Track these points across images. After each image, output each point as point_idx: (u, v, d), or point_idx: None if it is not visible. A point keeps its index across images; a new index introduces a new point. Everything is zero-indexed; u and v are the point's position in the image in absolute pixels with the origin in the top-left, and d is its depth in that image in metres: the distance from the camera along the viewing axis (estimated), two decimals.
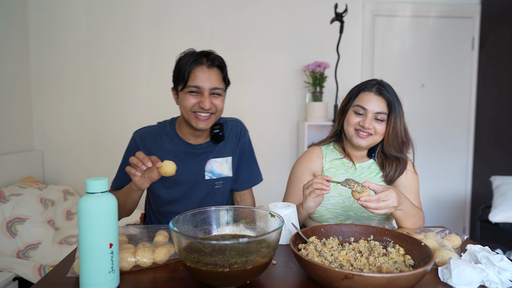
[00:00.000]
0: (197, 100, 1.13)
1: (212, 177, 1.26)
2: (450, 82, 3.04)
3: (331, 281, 0.66)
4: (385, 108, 1.16)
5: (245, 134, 1.35)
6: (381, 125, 1.17)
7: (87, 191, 0.70)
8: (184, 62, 1.14)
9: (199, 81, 1.12)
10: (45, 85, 2.74)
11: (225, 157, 1.28)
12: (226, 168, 1.28)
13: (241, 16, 2.82)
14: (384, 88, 1.18)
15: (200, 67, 1.13)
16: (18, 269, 1.78)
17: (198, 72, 1.12)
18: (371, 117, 1.16)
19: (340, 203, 1.22)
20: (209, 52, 1.17)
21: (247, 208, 0.91)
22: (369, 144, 1.19)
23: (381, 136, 1.19)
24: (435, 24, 2.99)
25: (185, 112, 1.15)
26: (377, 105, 1.16)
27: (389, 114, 1.16)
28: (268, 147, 2.91)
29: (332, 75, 2.71)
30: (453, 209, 3.14)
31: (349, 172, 1.26)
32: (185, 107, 1.14)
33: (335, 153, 1.30)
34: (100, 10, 2.74)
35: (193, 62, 1.12)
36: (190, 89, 1.13)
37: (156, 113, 2.77)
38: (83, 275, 0.70)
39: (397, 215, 1.05)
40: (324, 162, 1.28)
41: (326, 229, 0.92)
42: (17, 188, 2.22)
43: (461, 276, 0.72)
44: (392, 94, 1.18)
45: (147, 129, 1.29)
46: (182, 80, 1.13)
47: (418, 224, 1.11)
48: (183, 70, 1.13)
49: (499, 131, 2.81)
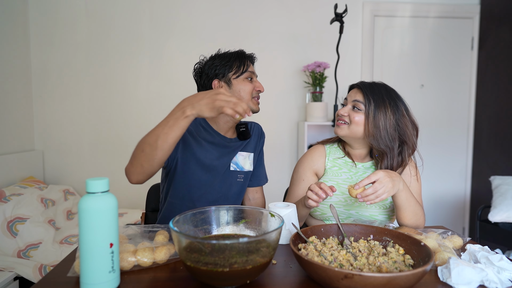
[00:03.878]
0: (253, 85, 1.28)
1: (236, 169, 1.33)
2: (450, 82, 3.04)
3: (331, 280, 0.66)
4: (362, 98, 1.19)
5: (264, 136, 1.48)
6: (358, 114, 1.18)
7: (87, 191, 0.71)
8: (232, 54, 1.28)
9: (251, 68, 1.31)
10: (45, 85, 2.75)
11: (248, 152, 1.37)
12: (248, 163, 1.37)
13: (241, 17, 2.82)
14: (366, 83, 1.23)
15: (248, 61, 1.31)
16: (19, 268, 1.78)
17: (250, 65, 1.31)
18: (349, 106, 1.22)
19: (342, 201, 1.23)
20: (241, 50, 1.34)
21: (247, 208, 0.91)
22: (345, 134, 1.21)
23: (357, 126, 1.19)
24: (435, 25, 2.99)
25: (246, 95, 1.25)
26: (355, 95, 1.22)
27: (366, 105, 1.18)
28: (268, 147, 2.91)
29: (332, 75, 2.71)
30: (453, 209, 3.14)
31: (351, 171, 1.26)
32: (246, 91, 1.25)
33: (338, 151, 1.31)
34: (101, 11, 2.74)
35: (244, 57, 1.29)
36: (248, 74, 1.27)
37: (156, 113, 2.78)
38: (83, 275, 0.70)
39: (400, 200, 1.06)
40: (326, 161, 1.30)
41: (326, 228, 0.92)
42: (17, 188, 2.22)
43: (460, 276, 0.73)
44: (374, 90, 1.20)
45: None
46: (240, 67, 1.26)
47: (419, 219, 1.11)
48: (236, 59, 1.27)
49: (498, 131, 2.81)
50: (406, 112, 1.21)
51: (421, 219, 1.13)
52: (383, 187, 0.98)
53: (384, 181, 0.98)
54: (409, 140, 1.20)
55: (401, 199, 1.06)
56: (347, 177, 1.26)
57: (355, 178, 1.25)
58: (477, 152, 3.05)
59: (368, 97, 1.18)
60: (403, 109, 1.20)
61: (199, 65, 1.32)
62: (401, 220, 1.12)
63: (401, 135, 1.19)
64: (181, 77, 2.77)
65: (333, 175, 1.27)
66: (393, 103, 1.19)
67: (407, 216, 1.10)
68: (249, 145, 1.39)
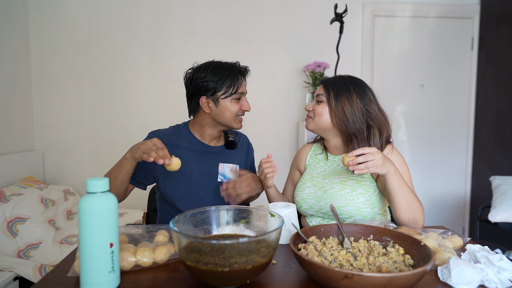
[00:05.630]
0: (240, 105, 1.29)
1: (223, 180, 1.35)
2: (450, 82, 3.04)
3: (331, 280, 0.66)
4: (322, 91, 1.26)
5: (252, 149, 1.52)
6: (319, 106, 1.25)
7: (87, 191, 0.71)
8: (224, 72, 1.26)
9: (242, 88, 1.30)
10: (45, 85, 2.75)
11: (235, 164, 1.39)
12: (235, 175, 1.38)
13: (241, 17, 2.82)
14: (328, 78, 1.30)
15: (240, 76, 1.30)
16: (19, 268, 1.78)
17: (241, 81, 1.31)
18: (314, 101, 1.28)
19: (313, 193, 1.26)
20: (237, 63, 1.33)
21: (247, 208, 0.91)
22: (314, 128, 1.26)
23: (320, 117, 1.24)
24: (435, 24, 2.99)
25: (230, 116, 1.28)
26: (318, 90, 1.28)
27: (327, 96, 1.24)
28: (268, 147, 2.91)
29: (332, 75, 2.71)
30: (453, 209, 3.14)
31: (327, 165, 1.32)
32: (231, 112, 1.28)
33: (320, 148, 1.39)
34: (101, 11, 2.74)
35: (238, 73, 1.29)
36: (237, 96, 1.28)
37: (156, 113, 2.78)
38: (83, 275, 0.70)
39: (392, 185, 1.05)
40: (308, 157, 1.39)
41: (326, 228, 0.92)
42: (17, 188, 2.22)
43: (460, 276, 0.73)
44: (335, 81, 1.26)
45: (163, 131, 1.37)
46: (229, 89, 1.26)
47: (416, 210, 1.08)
48: (227, 79, 1.26)
49: (498, 131, 2.81)
50: (374, 99, 1.25)
51: (418, 211, 1.08)
52: (373, 159, 0.99)
53: (376, 155, 1.00)
54: (380, 125, 1.22)
55: (393, 184, 1.05)
56: (321, 170, 1.31)
57: (328, 171, 1.29)
58: (477, 152, 3.05)
59: (327, 88, 1.24)
60: (370, 96, 1.24)
61: (190, 72, 1.32)
62: (398, 213, 1.08)
63: (371, 119, 1.21)
64: (181, 77, 2.76)
65: (310, 169, 1.34)
66: (358, 89, 1.23)
67: (402, 205, 1.06)
68: (235, 157, 1.41)
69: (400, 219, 1.09)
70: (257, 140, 2.91)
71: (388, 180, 1.05)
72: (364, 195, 1.19)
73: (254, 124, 2.89)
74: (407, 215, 1.08)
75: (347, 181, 1.22)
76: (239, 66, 1.31)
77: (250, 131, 2.90)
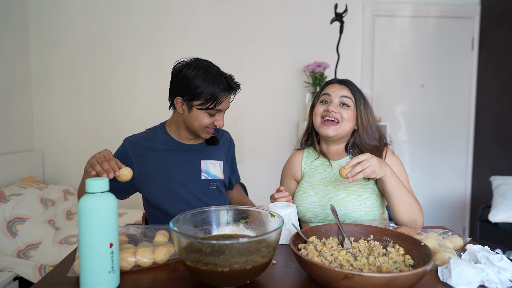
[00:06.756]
0: (213, 119, 1.22)
1: (208, 178, 1.32)
2: (450, 82, 3.04)
3: (331, 281, 0.66)
4: (349, 93, 1.20)
5: (233, 145, 1.48)
6: (347, 111, 1.18)
7: (87, 191, 0.71)
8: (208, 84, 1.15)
9: (222, 106, 1.21)
10: (45, 85, 2.74)
11: (217, 160, 1.36)
12: (219, 171, 1.36)
13: (241, 16, 2.82)
14: (347, 80, 1.24)
15: (226, 93, 1.20)
16: (19, 268, 1.78)
17: (225, 98, 1.20)
18: (337, 102, 1.21)
19: (317, 201, 1.22)
20: (230, 77, 1.22)
21: (247, 208, 0.91)
22: (336, 134, 1.19)
23: (348, 122, 1.19)
24: (435, 24, 2.99)
25: (199, 127, 1.23)
26: (340, 91, 1.21)
27: (355, 101, 1.20)
28: (268, 147, 2.91)
29: (332, 75, 2.71)
30: (453, 209, 3.14)
31: (327, 171, 1.27)
32: (201, 124, 1.22)
33: (314, 154, 1.33)
34: (100, 10, 2.74)
35: (222, 90, 1.18)
36: (213, 111, 1.19)
37: (156, 113, 2.77)
38: (83, 275, 0.70)
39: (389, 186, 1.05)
40: (303, 164, 1.34)
41: (326, 229, 0.92)
42: (17, 188, 2.22)
43: (460, 276, 0.72)
44: (355, 86, 1.24)
45: (138, 136, 1.34)
46: (208, 102, 1.17)
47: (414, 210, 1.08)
48: (209, 93, 1.16)
49: (498, 131, 2.81)
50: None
51: (417, 211, 1.09)
52: (370, 165, 0.99)
53: (371, 160, 1.00)
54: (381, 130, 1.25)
55: (390, 186, 1.05)
56: (321, 177, 1.26)
57: (329, 177, 1.25)
58: (477, 152, 3.05)
59: (356, 92, 1.20)
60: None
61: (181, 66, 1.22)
62: (395, 212, 1.08)
63: (378, 127, 1.24)
64: None
65: (309, 177, 1.29)
66: (367, 101, 1.24)
67: (401, 206, 1.07)
68: (217, 152, 1.37)
69: (399, 219, 1.10)
70: (257, 140, 2.91)
71: (386, 182, 1.05)
72: (370, 199, 1.18)
73: (254, 124, 2.89)
74: (406, 216, 1.08)
75: (351, 187, 1.20)
76: (230, 81, 1.21)
77: (250, 131, 2.90)
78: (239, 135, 2.86)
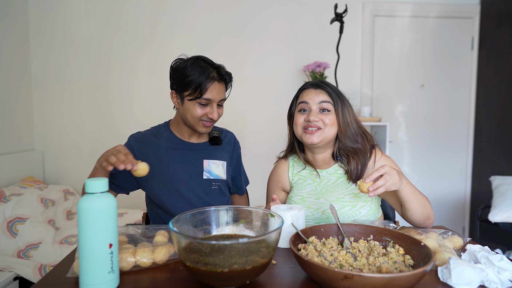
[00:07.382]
0: (205, 111, 1.21)
1: (209, 177, 1.32)
2: (450, 82, 3.04)
3: (331, 281, 0.66)
4: (327, 97, 1.15)
5: (239, 146, 1.47)
6: (328, 116, 1.13)
7: (86, 191, 0.71)
8: (195, 73, 1.17)
9: (211, 95, 1.19)
10: (45, 85, 2.74)
11: (220, 160, 1.35)
12: (222, 171, 1.35)
13: (241, 16, 2.82)
14: (322, 83, 1.18)
15: (213, 81, 1.19)
16: (19, 268, 1.78)
17: (212, 86, 1.19)
18: (316, 109, 1.15)
19: (310, 216, 1.19)
20: (219, 66, 1.22)
21: (247, 208, 0.91)
22: (321, 140, 1.14)
23: (332, 127, 1.14)
24: (435, 24, 2.99)
25: (192, 119, 1.22)
26: (317, 96, 1.15)
27: (334, 105, 1.14)
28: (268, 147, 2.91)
29: (332, 75, 2.71)
30: (453, 209, 3.14)
31: (315, 182, 1.22)
32: (193, 115, 1.21)
33: (300, 163, 1.27)
34: (101, 11, 2.74)
35: (207, 77, 1.17)
36: (202, 101, 1.19)
37: (156, 113, 2.77)
38: (82, 275, 0.70)
39: (406, 195, 1.04)
40: (290, 175, 1.28)
41: (325, 229, 0.92)
42: (17, 188, 2.22)
43: (460, 276, 0.72)
44: (332, 87, 1.18)
45: (143, 133, 1.35)
46: (195, 92, 1.17)
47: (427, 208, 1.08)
48: (195, 82, 1.16)
49: (498, 131, 2.81)
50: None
51: (430, 208, 1.09)
52: (391, 178, 0.97)
53: (392, 173, 0.97)
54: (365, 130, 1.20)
55: (407, 194, 1.04)
56: (311, 189, 1.21)
57: (320, 189, 1.20)
58: (477, 152, 3.05)
59: (334, 95, 1.15)
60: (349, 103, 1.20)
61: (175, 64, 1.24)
62: (411, 215, 1.08)
63: (360, 127, 1.19)
64: None
65: (298, 189, 1.24)
66: (346, 100, 1.18)
67: (418, 210, 1.07)
68: (221, 153, 1.36)
69: (414, 220, 1.10)
70: (257, 140, 2.91)
71: (403, 191, 1.04)
72: (364, 207, 1.15)
73: (254, 124, 2.89)
74: (420, 216, 1.08)
75: (344, 197, 1.16)
76: (219, 70, 1.21)
77: (250, 131, 2.90)
78: (239, 135, 2.84)
